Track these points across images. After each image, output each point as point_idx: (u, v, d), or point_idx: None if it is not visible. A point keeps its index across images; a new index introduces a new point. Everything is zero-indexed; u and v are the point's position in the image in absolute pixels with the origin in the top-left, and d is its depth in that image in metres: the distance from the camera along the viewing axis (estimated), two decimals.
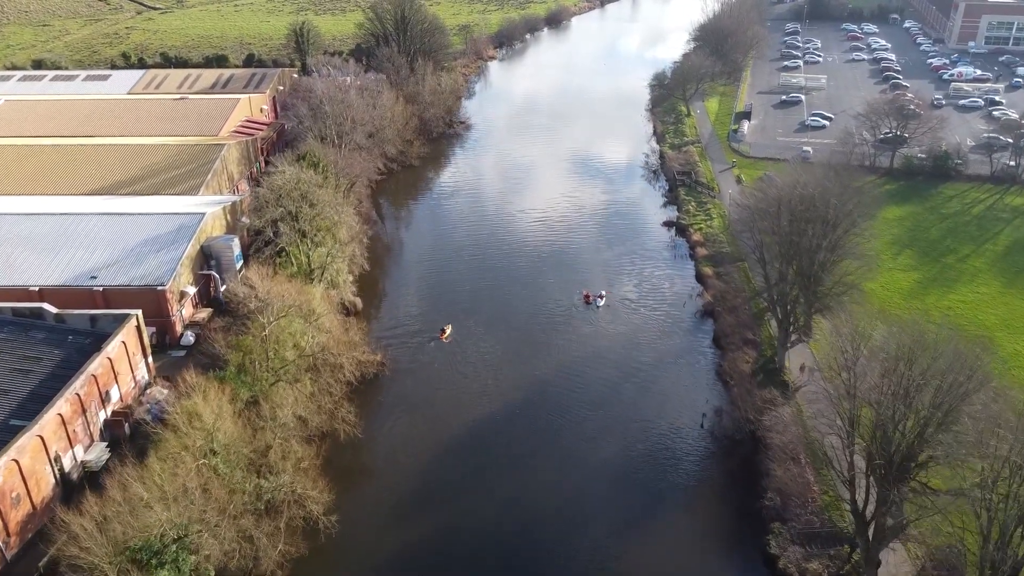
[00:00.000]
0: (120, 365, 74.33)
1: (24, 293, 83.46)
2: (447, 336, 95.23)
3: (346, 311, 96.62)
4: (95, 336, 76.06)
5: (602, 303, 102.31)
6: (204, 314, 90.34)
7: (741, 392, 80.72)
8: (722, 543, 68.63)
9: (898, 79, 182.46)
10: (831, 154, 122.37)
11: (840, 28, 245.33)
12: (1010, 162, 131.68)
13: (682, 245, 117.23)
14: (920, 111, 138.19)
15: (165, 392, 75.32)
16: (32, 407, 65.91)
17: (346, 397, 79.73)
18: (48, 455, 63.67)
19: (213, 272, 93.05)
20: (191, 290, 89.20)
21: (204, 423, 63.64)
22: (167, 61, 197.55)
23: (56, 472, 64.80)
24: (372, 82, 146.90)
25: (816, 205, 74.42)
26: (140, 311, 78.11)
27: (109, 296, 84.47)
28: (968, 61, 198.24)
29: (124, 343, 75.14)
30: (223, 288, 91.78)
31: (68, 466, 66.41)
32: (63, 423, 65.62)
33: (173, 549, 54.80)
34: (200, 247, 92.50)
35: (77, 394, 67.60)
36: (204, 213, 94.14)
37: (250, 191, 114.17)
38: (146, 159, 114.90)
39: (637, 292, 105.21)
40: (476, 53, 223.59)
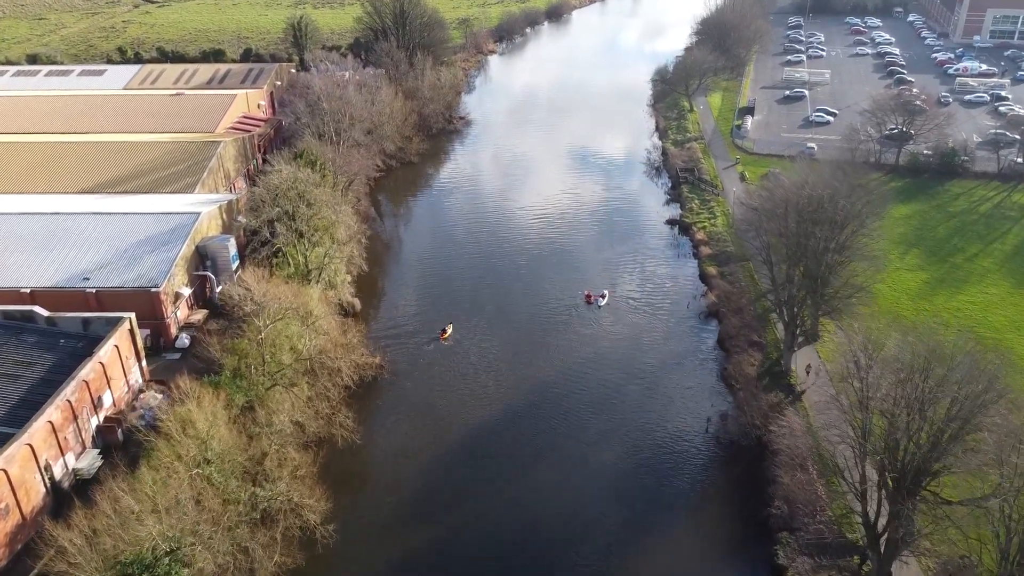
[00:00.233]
0: (113, 370, 72.70)
1: (15, 295, 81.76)
2: (448, 336, 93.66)
3: (344, 312, 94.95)
4: (87, 340, 74.44)
5: (604, 302, 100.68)
6: (199, 316, 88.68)
7: (747, 396, 79.12)
8: (728, 552, 67.08)
9: (903, 74, 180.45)
10: (839, 152, 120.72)
11: (843, 22, 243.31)
12: (1017, 159, 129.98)
13: (685, 244, 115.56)
14: (927, 107, 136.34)
15: (159, 397, 73.74)
16: (22, 414, 64.28)
17: (344, 401, 78.07)
18: (38, 464, 62.07)
19: (209, 273, 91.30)
20: (186, 291, 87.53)
21: (198, 431, 62.02)
22: (163, 56, 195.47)
23: (46, 481, 63.21)
24: (371, 77, 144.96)
25: (824, 206, 72.67)
26: (133, 314, 76.48)
27: (102, 298, 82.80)
28: (973, 55, 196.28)
29: (117, 347, 73.51)
30: (219, 289, 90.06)
31: (59, 474, 64.82)
32: (53, 431, 64.01)
33: (166, 562, 53.17)
34: (195, 247, 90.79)
35: (68, 401, 65.96)
36: (199, 213, 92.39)
37: (247, 189, 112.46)
38: (141, 156, 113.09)
39: (640, 292, 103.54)
40: (476, 47, 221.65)
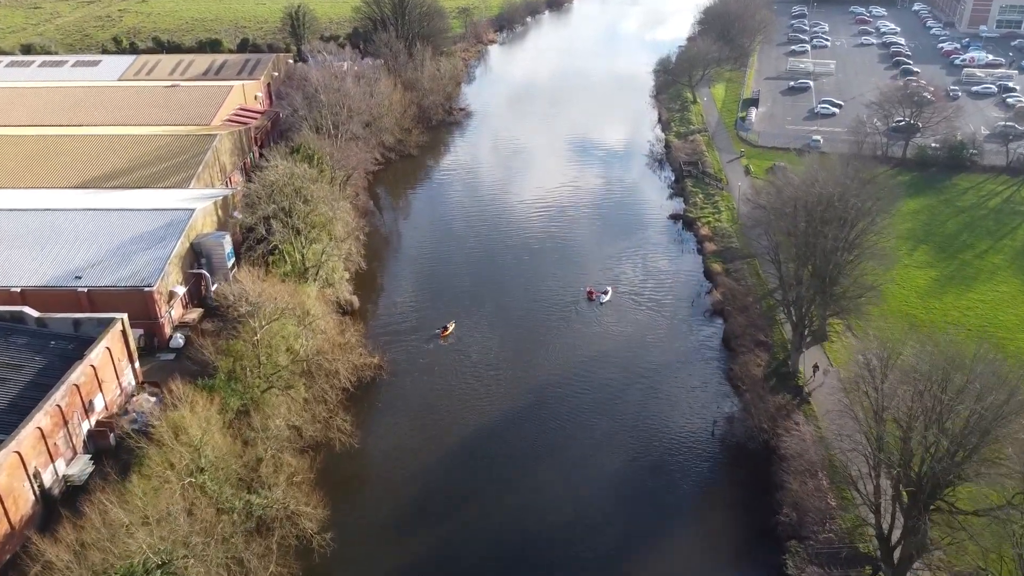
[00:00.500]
0: (104, 372, 70.88)
1: (5, 295, 79.84)
2: (449, 334, 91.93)
3: (342, 310, 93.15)
4: (78, 341, 72.59)
5: (606, 299, 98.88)
6: (194, 315, 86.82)
7: (753, 398, 77.38)
8: (736, 560, 65.52)
9: (908, 64, 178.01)
10: (845, 144, 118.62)
11: (848, 11, 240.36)
12: None
13: (689, 239, 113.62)
14: (934, 99, 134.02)
15: (152, 400, 71.95)
16: (10, 420, 62.49)
17: (342, 404, 76.38)
18: (26, 471, 60.31)
19: (204, 271, 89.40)
20: (180, 290, 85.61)
21: (191, 438, 60.29)
22: (159, 46, 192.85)
23: (35, 488, 61.47)
24: (369, 68, 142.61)
25: (835, 204, 70.68)
26: (126, 315, 74.55)
27: (94, 297, 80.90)
28: (980, 46, 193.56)
29: (109, 349, 71.64)
30: (214, 288, 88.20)
31: (48, 481, 63.09)
32: (43, 437, 62.21)
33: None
34: (190, 244, 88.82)
35: (58, 406, 64.14)
36: (194, 209, 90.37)
37: (243, 183, 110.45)
38: (135, 150, 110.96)
39: (643, 289, 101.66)
40: (476, 37, 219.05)
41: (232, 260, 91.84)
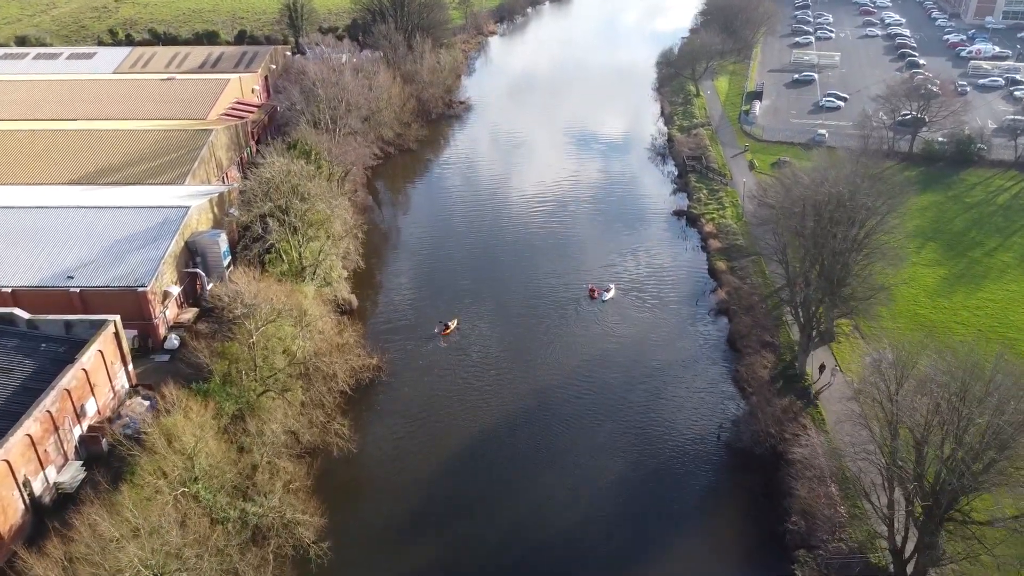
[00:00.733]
0: (97, 376, 69.21)
1: None
2: (450, 332, 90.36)
3: (341, 310, 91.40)
4: (70, 344, 70.92)
5: (608, 296, 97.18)
6: (189, 315, 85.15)
7: (760, 401, 75.75)
8: (743, 568, 64.02)
9: (914, 56, 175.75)
10: (851, 139, 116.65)
11: (852, 2, 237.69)
12: None
13: (694, 236, 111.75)
14: (941, 93, 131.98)
15: (146, 404, 70.35)
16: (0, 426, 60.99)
17: (339, 407, 74.89)
18: (16, 480, 58.71)
19: (199, 270, 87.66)
20: (175, 290, 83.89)
21: (184, 445, 58.70)
22: (156, 37, 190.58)
23: (25, 497, 59.91)
24: (368, 61, 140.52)
25: (845, 205, 68.86)
26: (118, 316, 72.82)
27: (87, 298, 79.20)
28: (986, 37, 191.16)
29: (101, 352, 69.93)
30: (209, 287, 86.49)
31: (39, 489, 61.48)
32: (32, 444, 60.55)
33: None
34: (185, 243, 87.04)
35: (48, 411, 62.50)
36: (189, 207, 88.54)
37: (240, 179, 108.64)
38: (129, 145, 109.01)
39: (646, 287, 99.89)
40: (476, 28, 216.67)
41: (228, 259, 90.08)
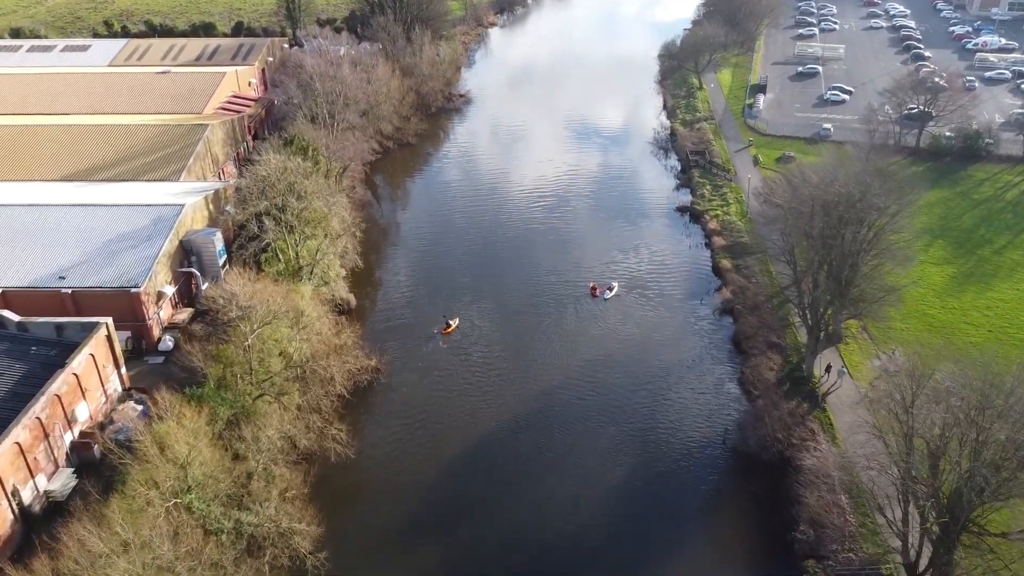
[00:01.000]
0: (88, 380, 67.57)
1: None
2: (452, 331, 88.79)
3: (339, 309, 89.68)
4: (61, 347, 69.31)
5: (610, 295, 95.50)
6: (184, 315, 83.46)
7: (767, 404, 74.18)
8: None
9: (919, 48, 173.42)
10: (860, 134, 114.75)
11: None
12: None
13: (697, 233, 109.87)
14: (948, 87, 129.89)
15: (139, 409, 68.75)
16: None
17: (337, 412, 73.29)
18: (4, 489, 57.21)
19: (194, 270, 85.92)
20: (169, 290, 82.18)
21: (177, 454, 57.11)
22: (152, 29, 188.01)
23: (14, 507, 58.40)
24: (366, 54, 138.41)
25: (856, 206, 67.06)
26: (110, 319, 71.14)
27: (79, 299, 77.51)
28: (992, 29, 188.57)
29: (92, 355, 68.27)
30: (204, 287, 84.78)
31: (28, 498, 59.96)
32: (21, 452, 59.02)
33: None
34: (179, 242, 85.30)
35: (38, 418, 60.90)
36: (183, 204, 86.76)
37: (236, 175, 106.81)
38: (123, 140, 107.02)
39: (649, 285, 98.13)
40: (476, 20, 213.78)
41: (224, 258, 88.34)
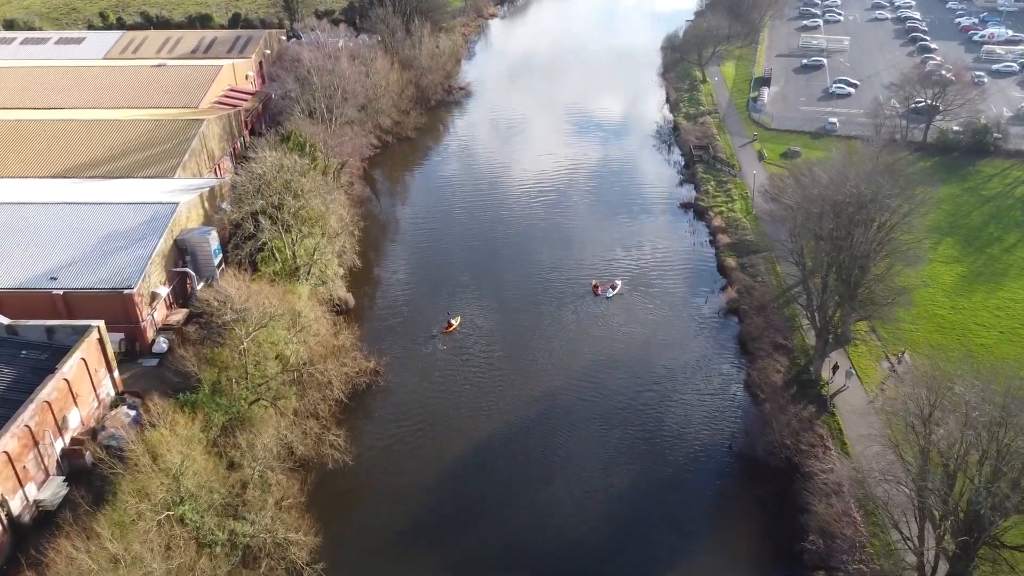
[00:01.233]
0: (80, 385, 65.94)
1: None
2: (453, 329, 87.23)
3: (337, 309, 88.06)
4: (52, 350, 67.60)
5: (612, 294, 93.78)
6: (179, 316, 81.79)
7: (774, 408, 72.58)
8: None
9: (925, 40, 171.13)
10: (866, 128, 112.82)
11: None
12: None
13: (701, 230, 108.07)
14: (956, 82, 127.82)
15: (132, 414, 67.10)
16: None
17: (335, 417, 71.64)
18: None
19: (189, 269, 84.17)
20: (163, 291, 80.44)
21: (170, 464, 55.46)
22: (147, 21, 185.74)
23: (3, 517, 56.82)
24: (365, 47, 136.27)
25: (867, 206, 65.27)
26: (102, 322, 69.38)
27: (70, 300, 75.80)
28: (999, 20, 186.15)
29: (84, 360, 66.61)
30: (199, 286, 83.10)
31: (18, 508, 58.38)
32: (10, 461, 57.43)
33: None
34: (174, 241, 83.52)
35: (27, 426, 59.30)
36: (178, 203, 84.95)
37: (233, 170, 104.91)
38: (117, 136, 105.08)
39: (652, 283, 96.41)
40: (476, 11, 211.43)
41: (219, 257, 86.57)
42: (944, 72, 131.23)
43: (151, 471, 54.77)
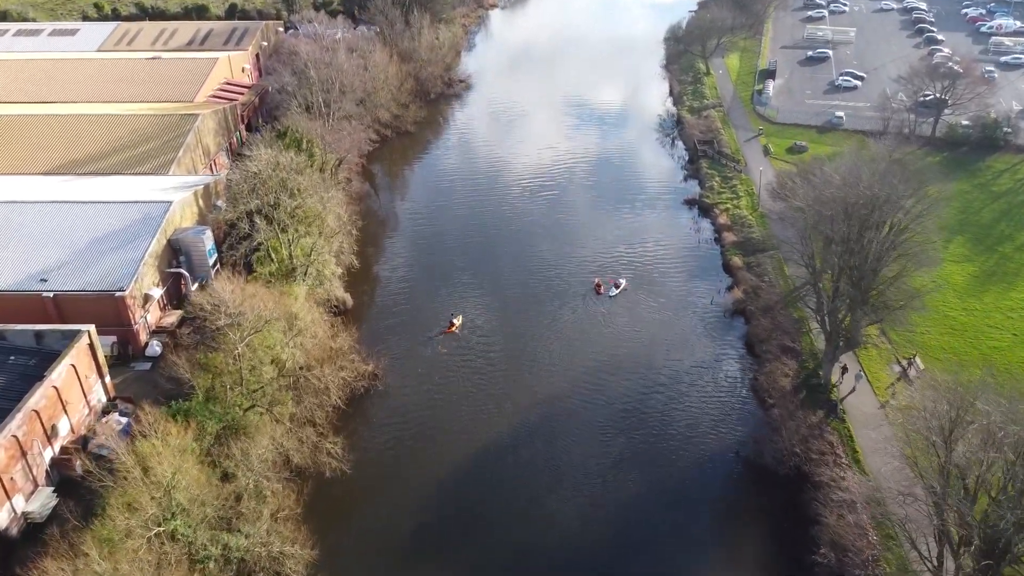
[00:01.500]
0: (70, 392, 64.08)
1: None
2: (455, 329, 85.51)
3: (335, 310, 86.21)
4: (41, 356, 65.78)
5: (616, 292, 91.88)
6: (173, 318, 79.85)
7: (783, 414, 70.79)
8: None
9: (932, 32, 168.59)
10: (873, 122, 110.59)
11: None
12: None
13: (706, 227, 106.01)
14: (963, 73, 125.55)
15: (123, 421, 65.31)
16: None
17: (332, 424, 69.86)
18: None
19: (183, 270, 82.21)
20: (157, 292, 78.47)
21: (161, 476, 53.66)
22: (143, 12, 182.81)
23: None
24: (363, 39, 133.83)
25: (882, 208, 63.24)
26: (93, 326, 67.47)
27: (61, 303, 73.79)
28: (1007, 11, 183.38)
29: (74, 366, 64.74)
30: (193, 287, 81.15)
31: (5, 521, 56.62)
32: None
33: None
34: (167, 241, 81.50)
35: (14, 436, 57.46)
36: (171, 201, 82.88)
37: (229, 166, 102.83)
38: (109, 131, 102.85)
39: (656, 283, 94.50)
40: (476, 1, 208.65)
41: (214, 257, 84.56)
42: (952, 65, 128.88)
43: (142, 484, 52.99)
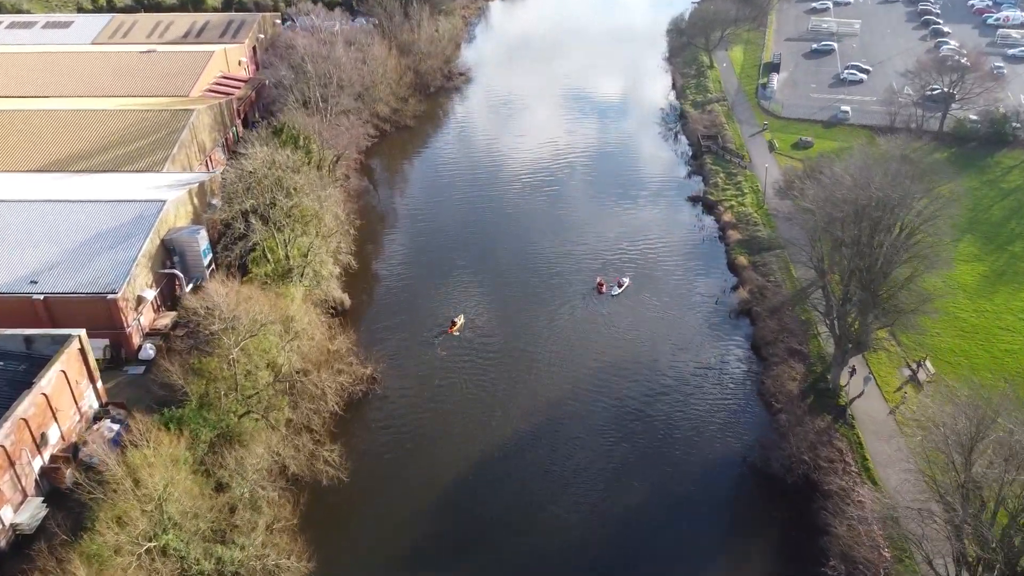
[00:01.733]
0: (60, 399, 62.44)
1: None
2: (457, 329, 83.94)
3: (333, 311, 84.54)
4: (31, 361, 64.10)
5: (619, 291, 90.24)
6: (167, 320, 78.24)
7: (790, 420, 69.21)
8: None
9: (939, 24, 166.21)
10: (879, 117, 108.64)
11: None
12: None
13: (711, 226, 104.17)
14: (973, 70, 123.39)
15: (115, 429, 63.67)
16: None
17: (329, 431, 68.26)
18: None
19: (176, 271, 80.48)
20: (150, 294, 76.79)
21: (152, 489, 52.04)
22: (138, 3, 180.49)
23: None
24: (361, 32, 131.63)
25: (894, 211, 61.49)
26: (83, 331, 65.75)
27: (51, 305, 72.19)
28: (1015, 3, 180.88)
29: (64, 372, 63.09)
30: (188, 288, 79.44)
31: None
32: None
33: None
34: (161, 241, 79.78)
35: (2, 446, 55.87)
36: (165, 200, 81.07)
37: (225, 162, 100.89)
38: (102, 127, 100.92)
39: (660, 282, 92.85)
40: None
41: (209, 257, 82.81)
42: (960, 58, 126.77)
43: (132, 497, 51.40)
